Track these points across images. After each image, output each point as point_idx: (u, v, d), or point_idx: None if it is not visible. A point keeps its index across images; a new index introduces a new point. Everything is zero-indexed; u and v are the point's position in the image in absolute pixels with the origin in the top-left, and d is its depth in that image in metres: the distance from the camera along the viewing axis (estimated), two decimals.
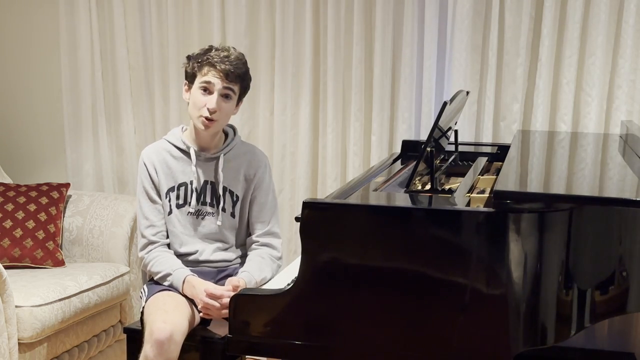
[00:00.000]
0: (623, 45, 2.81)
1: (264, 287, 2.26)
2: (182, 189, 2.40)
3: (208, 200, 2.41)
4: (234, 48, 2.39)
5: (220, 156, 2.41)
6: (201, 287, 2.24)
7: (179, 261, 2.37)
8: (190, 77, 2.36)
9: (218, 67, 2.29)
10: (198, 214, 2.41)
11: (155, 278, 2.37)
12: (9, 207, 3.05)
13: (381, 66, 3.04)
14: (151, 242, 2.39)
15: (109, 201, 3.20)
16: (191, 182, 2.39)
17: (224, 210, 2.41)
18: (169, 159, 2.40)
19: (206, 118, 2.31)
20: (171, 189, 2.40)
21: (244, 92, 2.40)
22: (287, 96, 3.19)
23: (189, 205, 2.39)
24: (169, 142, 2.42)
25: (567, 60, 2.86)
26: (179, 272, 2.31)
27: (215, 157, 2.41)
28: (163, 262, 2.35)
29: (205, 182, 2.41)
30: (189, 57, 2.38)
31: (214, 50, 2.33)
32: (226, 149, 2.42)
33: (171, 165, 2.40)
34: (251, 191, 2.45)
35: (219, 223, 2.41)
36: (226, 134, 2.47)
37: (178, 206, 2.40)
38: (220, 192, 2.40)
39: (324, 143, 3.18)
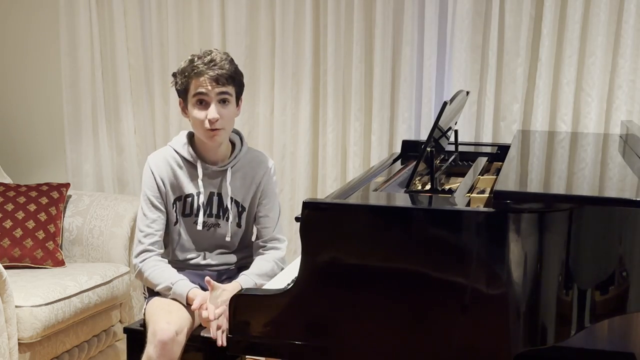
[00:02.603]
0: (623, 45, 2.80)
1: (265, 287, 2.25)
2: (189, 200, 2.37)
3: (214, 212, 2.39)
4: (216, 49, 2.32)
5: (228, 169, 2.37)
6: (198, 303, 2.21)
7: (175, 271, 2.33)
8: (183, 94, 2.30)
9: (206, 75, 2.22)
10: (204, 226, 2.38)
11: (155, 289, 2.33)
12: (9, 207, 3.05)
13: (381, 66, 3.04)
14: (147, 250, 2.35)
15: (109, 201, 3.20)
16: (198, 195, 2.37)
17: (229, 221, 2.40)
18: (176, 169, 2.36)
19: (211, 130, 2.26)
20: (178, 199, 2.37)
21: (240, 91, 2.34)
22: (287, 96, 3.19)
23: (196, 217, 2.37)
24: (176, 151, 2.38)
25: (567, 60, 2.86)
26: (180, 286, 2.27)
27: (223, 169, 2.37)
28: (161, 274, 2.31)
29: (212, 193, 2.38)
30: (174, 75, 2.32)
31: (196, 60, 2.25)
32: (233, 161, 2.38)
33: (178, 175, 2.36)
34: (257, 198, 2.42)
35: (227, 239, 2.39)
36: (233, 144, 2.42)
37: (184, 215, 2.38)
38: (227, 204, 2.39)
39: (324, 143, 3.18)
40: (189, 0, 3.26)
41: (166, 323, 2.11)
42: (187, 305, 2.26)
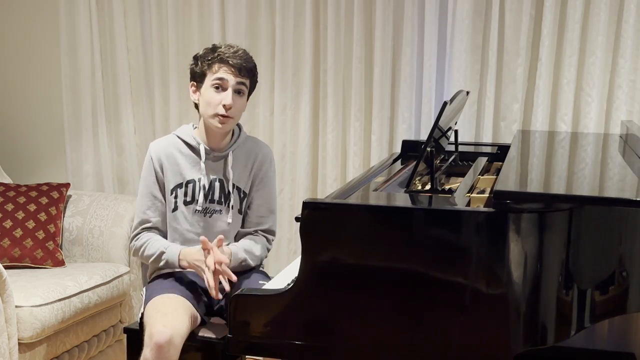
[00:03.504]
0: (623, 45, 2.80)
1: (265, 287, 2.26)
2: (190, 186, 2.39)
3: (216, 198, 2.41)
4: (237, 45, 2.40)
5: (229, 154, 2.40)
6: (198, 254, 2.26)
7: (166, 240, 2.38)
8: (200, 77, 2.34)
9: (230, 62, 2.30)
10: (206, 212, 2.40)
11: (149, 262, 2.37)
12: (9, 207, 3.05)
13: (381, 66, 3.04)
14: (140, 234, 2.40)
15: (109, 201, 3.20)
16: (199, 180, 2.39)
17: (231, 207, 2.41)
18: (178, 156, 2.39)
19: (222, 115, 2.30)
20: (179, 186, 2.39)
21: (253, 87, 2.41)
22: (287, 96, 3.19)
23: (196, 203, 2.39)
24: (179, 137, 2.41)
25: (567, 60, 2.86)
26: (172, 249, 2.33)
27: (224, 155, 2.41)
28: (153, 244, 2.36)
29: (214, 179, 2.40)
30: (196, 57, 2.37)
31: (223, 47, 2.34)
32: (234, 146, 2.42)
33: (179, 162, 2.39)
34: (255, 185, 2.45)
35: (229, 221, 2.40)
36: (232, 131, 2.46)
37: (186, 203, 2.39)
38: (229, 189, 2.40)
39: (324, 143, 3.18)
40: (189, 0, 3.27)
41: (162, 326, 2.11)
42: (181, 268, 2.31)
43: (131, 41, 3.39)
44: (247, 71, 2.34)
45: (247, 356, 2.28)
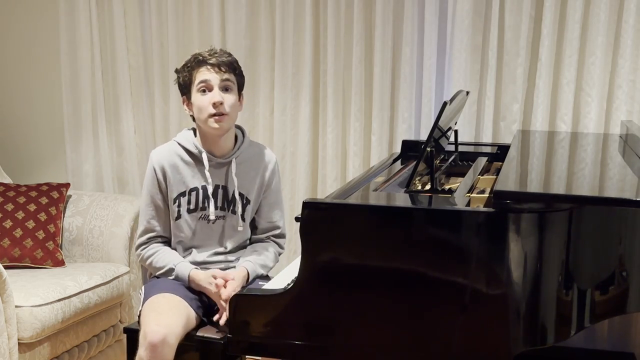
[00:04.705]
0: (623, 45, 2.80)
1: (265, 287, 2.26)
2: (194, 194, 2.38)
3: (219, 204, 2.40)
4: (214, 46, 2.42)
5: (232, 160, 2.39)
6: (207, 278, 2.27)
7: (176, 253, 2.39)
8: (186, 88, 2.36)
9: (209, 62, 2.30)
10: (209, 219, 2.40)
11: (157, 274, 2.37)
12: (9, 207, 3.05)
13: (381, 66, 3.04)
14: (146, 244, 2.41)
15: (109, 201, 3.20)
16: (203, 188, 2.37)
17: (234, 213, 2.41)
18: (180, 164, 2.37)
19: (215, 115, 2.30)
20: (182, 194, 2.37)
21: (241, 83, 2.40)
22: (287, 96, 3.19)
23: (207, 211, 2.37)
24: (180, 144, 2.39)
25: (567, 60, 2.86)
26: (182, 268, 2.33)
27: (227, 161, 2.39)
28: (163, 257, 2.37)
29: (217, 186, 2.39)
30: (177, 70, 2.39)
31: (200, 52, 2.35)
32: (237, 152, 2.40)
33: (182, 170, 2.37)
34: (262, 192, 2.45)
35: (240, 228, 2.41)
36: (235, 137, 2.44)
37: (189, 211, 2.38)
38: (232, 196, 2.39)
39: (324, 143, 3.18)
40: (189, 0, 3.27)
41: (156, 325, 2.11)
42: (188, 286, 2.32)
43: (131, 41, 3.39)
44: (228, 66, 2.33)
45: (247, 356, 2.28)
